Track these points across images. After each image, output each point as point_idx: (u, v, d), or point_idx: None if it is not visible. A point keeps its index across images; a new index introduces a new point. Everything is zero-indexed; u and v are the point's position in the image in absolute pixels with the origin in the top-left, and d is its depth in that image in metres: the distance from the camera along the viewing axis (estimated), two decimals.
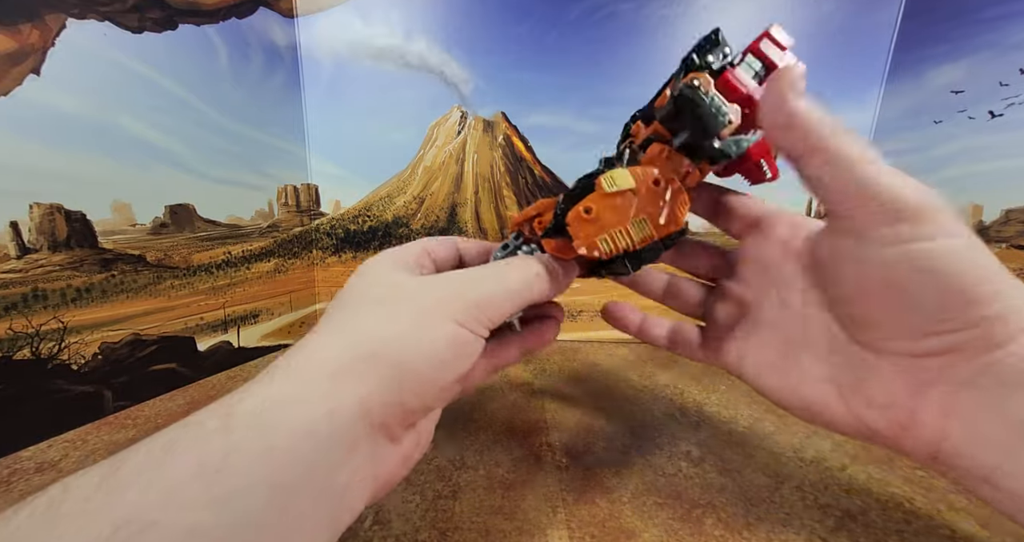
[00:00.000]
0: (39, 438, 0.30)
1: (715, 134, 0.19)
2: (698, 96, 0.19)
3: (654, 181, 0.20)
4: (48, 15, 0.28)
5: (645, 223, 0.19)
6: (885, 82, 0.45)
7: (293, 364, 0.16)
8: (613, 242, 0.19)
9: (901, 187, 0.16)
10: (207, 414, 0.14)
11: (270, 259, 0.47)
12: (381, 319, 0.17)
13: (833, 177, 0.17)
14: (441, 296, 0.18)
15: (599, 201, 0.19)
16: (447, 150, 0.51)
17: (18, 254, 0.29)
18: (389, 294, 0.18)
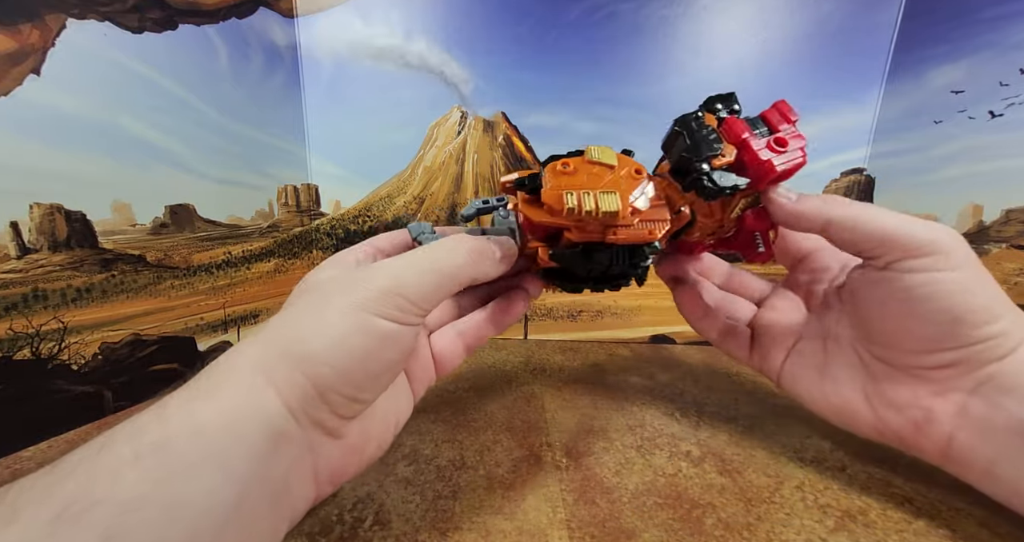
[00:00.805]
0: (39, 438, 0.30)
1: (705, 157, 0.20)
2: (697, 121, 0.20)
3: (636, 170, 0.21)
4: (48, 15, 0.28)
5: (615, 196, 0.19)
6: (885, 82, 0.45)
7: (223, 364, 0.17)
8: (578, 200, 0.19)
9: (911, 230, 0.19)
10: (142, 413, 0.15)
11: (270, 259, 0.47)
12: (293, 315, 0.18)
13: (853, 236, 0.20)
14: (347, 287, 0.18)
15: (579, 162, 0.20)
16: (447, 150, 0.51)
17: (18, 254, 0.29)
18: (308, 291, 0.19)
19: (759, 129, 0.21)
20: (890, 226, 0.19)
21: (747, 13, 0.45)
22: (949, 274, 0.19)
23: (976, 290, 0.19)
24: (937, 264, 0.19)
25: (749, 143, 0.20)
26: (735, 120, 0.21)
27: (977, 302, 0.19)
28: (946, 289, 0.19)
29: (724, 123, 0.21)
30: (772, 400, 0.36)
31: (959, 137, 0.42)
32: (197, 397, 0.15)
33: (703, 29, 0.46)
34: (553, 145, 0.50)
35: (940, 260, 0.19)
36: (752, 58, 0.46)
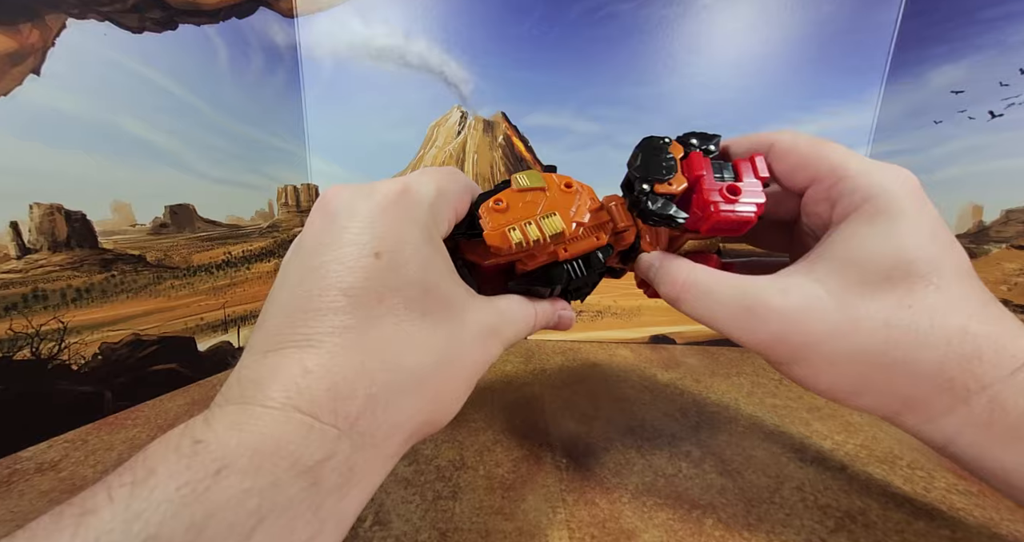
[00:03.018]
0: (39, 438, 0.30)
1: (651, 179, 0.20)
2: (659, 144, 0.20)
3: (566, 184, 0.20)
4: (48, 15, 0.28)
5: (555, 217, 0.19)
6: (885, 82, 0.45)
7: (297, 395, 0.13)
8: (523, 233, 0.19)
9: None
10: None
11: (270, 259, 0.47)
12: (420, 345, 0.15)
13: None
14: (488, 335, 0.18)
15: (510, 195, 0.20)
16: (447, 150, 0.51)
17: (18, 254, 0.29)
18: (431, 304, 0.16)
19: (724, 174, 0.20)
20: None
21: (747, 13, 0.45)
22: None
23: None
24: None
25: (703, 182, 0.20)
26: (699, 156, 0.20)
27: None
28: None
29: (688, 157, 0.20)
30: (772, 400, 0.36)
31: (959, 137, 0.42)
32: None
33: (703, 29, 0.46)
34: (553, 145, 0.50)
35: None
36: (752, 58, 0.46)
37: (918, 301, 0.16)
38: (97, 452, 0.29)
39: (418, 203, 0.17)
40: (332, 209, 0.16)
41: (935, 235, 0.17)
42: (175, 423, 0.33)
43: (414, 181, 0.17)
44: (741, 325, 0.19)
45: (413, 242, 0.16)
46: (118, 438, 0.30)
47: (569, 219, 0.20)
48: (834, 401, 0.19)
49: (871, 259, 0.17)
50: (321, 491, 0.12)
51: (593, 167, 0.50)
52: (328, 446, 0.13)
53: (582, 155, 0.50)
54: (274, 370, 0.13)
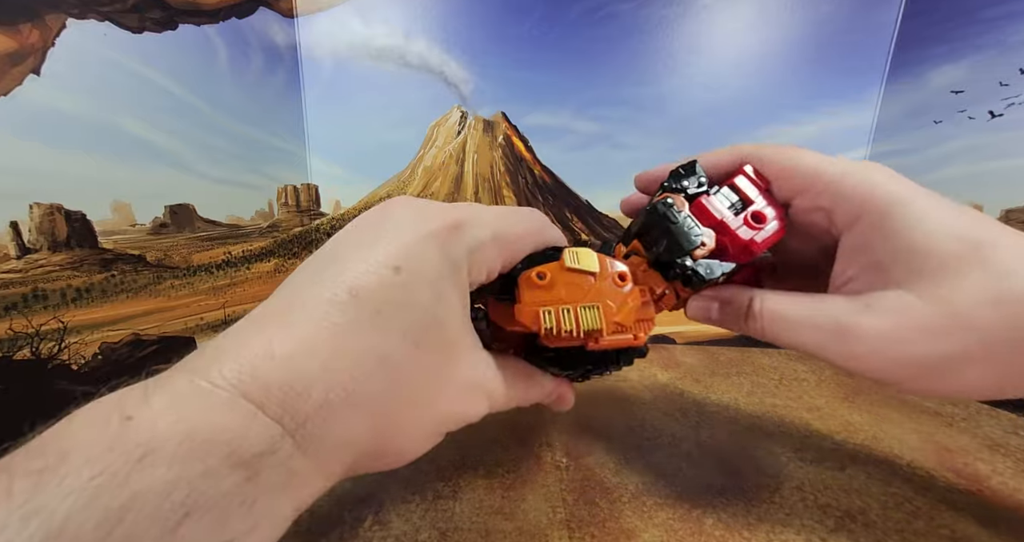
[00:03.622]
0: None
1: (687, 252, 0.19)
2: (671, 212, 0.19)
3: (619, 275, 0.19)
4: (48, 15, 0.28)
5: (597, 312, 0.18)
6: (885, 82, 0.45)
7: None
8: (557, 319, 0.17)
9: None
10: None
11: (270, 259, 0.47)
12: (398, 372, 0.15)
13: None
14: (475, 392, 0.18)
15: (556, 271, 0.18)
16: (447, 150, 0.51)
17: (18, 254, 0.29)
18: (429, 338, 0.15)
19: (732, 202, 0.20)
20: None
21: (747, 13, 0.45)
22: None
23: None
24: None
25: (727, 225, 0.19)
26: (707, 202, 0.20)
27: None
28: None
29: (695, 205, 0.20)
30: (772, 400, 0.36)
31: (959, 137, 0.42)
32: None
33: (703, 29, 0.46)
34: (553, 145, 0.50)
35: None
36: (752, 58, 0.46)
37: (1006, 265, 0.15)
38: None
39: (462, 244, 0.17)
40: (388, 214, 0.17)
41: (943, 202, 0.17)
42: None
43: (473, 221, 0.17)
44: (839, 350, 0.18)
45: (437, 274, 0.16)
46: None
47: (611, 318, 0.18)
48: (978, 399, 0.18)
49: (931, 247, 0.16)
50: (258, 486, 0.12)
51: (593, 167, 0.50)
52: (269, 440, 0.12)
53: (582, 155, 0.50)
54: (240, 344, 0.13)
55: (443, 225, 0.16)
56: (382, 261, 0.15)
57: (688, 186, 0.20)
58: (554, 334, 0.18)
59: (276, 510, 0.12)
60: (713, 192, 0.20)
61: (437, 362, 0.16)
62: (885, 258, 0.17)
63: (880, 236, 0.17)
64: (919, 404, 0.35)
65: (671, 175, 0.21)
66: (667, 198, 0.20)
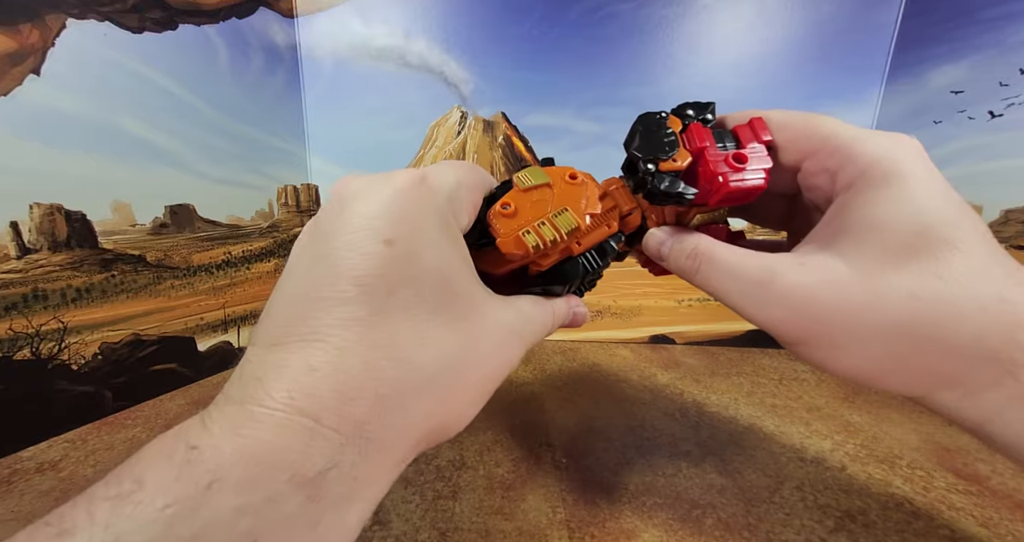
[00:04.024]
0: (39, 438, 0.30)
1: (653, 158, 0.19)
2: (658, 121, 0.20)
3: (570, 175, 0.20)
4: (48, 15, 0.28)
5: (568, 213, 0.18)
6: (885, 82, 0.45)
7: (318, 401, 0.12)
8: (538, 235, 0.18)
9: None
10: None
11: (270, 259, 0.47)
12: (434, 343, 0.14)
13: None
14: (508, 337, 0.18)
15: (516, 197, 0.19)
16: (447, 150, 0.51)
17: (18, 254, 0.29)
18: (447, 299, 0.15)
19: (726, 143, 0.19)
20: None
21: (747, 13, 0.45)
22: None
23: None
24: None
25: (706, 153, 0.19)
26: (699, 127, 0.19)
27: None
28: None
29: (688, 129, 0.20)
30: (772, 400, 0.36)
31: (959, 137, 0.42)
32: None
33: (703, 29, 0.46)
34: (553, 145, 0.50)
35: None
36: (752, 58, 0.46)
37: (946, 269, 0.15)
38: (97, 452, 0.29)
39: (437, 192, 0.16)
40: (347, 194, 0.15)
41: (949, 197, 0.16)
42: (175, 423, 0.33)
43: (432, 171, 0.17)
44: (756, 301, 0.18)
45: (429, 232, 0.15)
46: (118, 438, 0.30)
47: (582, 212, 0.19)
48: (860, 383, 0.18)
49: (889, 227, 0.16)
50: (321, 505, 0.12)
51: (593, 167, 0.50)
52: (330, 455, 0.12)
53: (582, 155, 0.50)
54: (278, 367, 0.13)
55: (410, 181, 0.15)
56: (369, 238, 0.14)
57: (691, 115, 0.20)
58: (542, 248, 0.18)
59: (341, 524, 0.12)
60: (712, 127, 0.20)
61: (463, 320, 0.16)
62: (846, 225, 0.17)
63: (857, 204, 0.17)
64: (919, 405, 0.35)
65: (682, 104, 0.21)
66: (661, 112, 0.20)
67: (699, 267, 0.20)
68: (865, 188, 0.17)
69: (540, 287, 0.21)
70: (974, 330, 0.15)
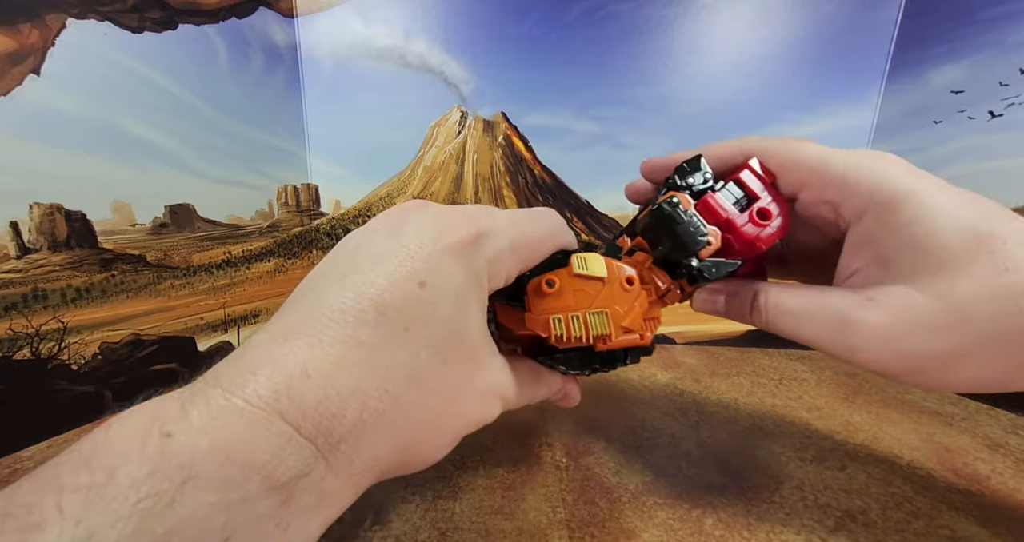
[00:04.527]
0: (39, 438, 0.30)
1: (693, 252, 0.19)
2: (676, 213, 0.19)
3: (627, 279, 0.19)
4: (48, 15, 0.28)
5: (605, 318, 0.18)
6: (885, 82, 0.45)
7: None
8: (566, 326, 0.18)
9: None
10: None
11: (270, 259, 0.47)
12: (426, 388, 0.15)
13: None
14: (493, 397, 0.18)
15: (565, 278, 0.19)
16: (447, 150, 0.51)
17: (18, 254, 0.29)
18: (454, 351, 0.16)
19: (737, 199, 0.20)
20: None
21: (747, 13, 0.45)
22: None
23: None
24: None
25: (733, 223, 0.19)
26: (712, 200, 0.20)
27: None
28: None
29: (701, 202, 0.20)
30: (772, 400, 0.36)
31: (959, 137, 0.42)
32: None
33: (703, 29, 0.46)
34: (553, 145, 0.50)
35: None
36: (752, 58, 0.46)
37: (1008, 259, 0.15)
38: None
39: (483, 256, 0.17)
40: (405, 224, 0.16)
41: (962, 196, 0.17)
42: None
43: (491, 229, 0.17)
44: (841, 344, 0.18)
45: (461, 288, 0.16)
46: None
47: (619, 322, 0.18)
48: (986, 392, 0.18)
49: (937, 243, 0.16)
50: (291, 510, 0.12)
51: (593, 167, 0.50)
52: (303, 464, 0.12)
53: (582, 155, 0.50)
54: (275, 362, 0.13)
55: (464, 237, 0.16)
56: (406, 276, 0.15)
57: (693, 183, 0.20)
58: (564, 340, 0.18)
59: (307, 530, 0.13)
60: (718, 188, 0.20)
61: (461, 374, 0.16)
62: (890, 252, 0.17)
63: (886, 230, 0.17)
64: (919, 404, 0.35)
65: (676, 170, 0.21)
66: (672, 197, 0.20)
67: (768, 319, 0.20)
68: (884, 213, 0.17)
69: (549, 358, 0.21)
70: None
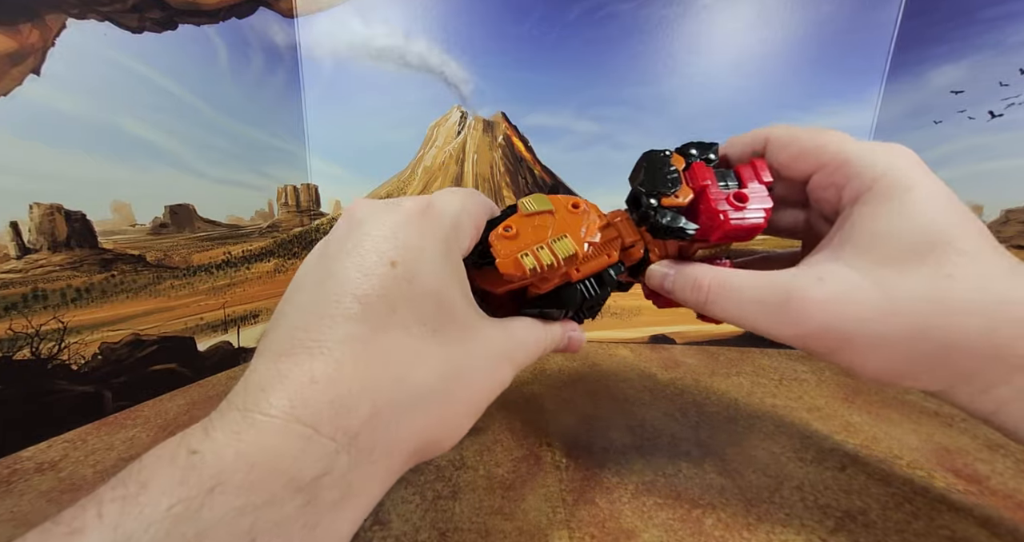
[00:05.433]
0: (39, 438, 0.30)
1: (655, 193, 0.20)
2: (661, 157, 0.20)
3: (572, 204, 0.20)
4: (48, 15, 0.28)
5: (567, 240, 0.19)
6: (885, 82, 0.45)
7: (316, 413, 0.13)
8: (536, 258, 0.19)
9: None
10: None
11: (270, 259, 0.47)
12: (429, 362, 0.15)
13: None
14: (500, 359, 0.18)
15: (518, 221, 0.20)
16: (447, 150, 0.51)
17: (18, 254, 0.29)
18: (444, 320, 0.16)
19: (728, 182, 0.20)
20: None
21: (747, 13, 0.45)
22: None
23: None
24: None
25: (708, 191, 0.20)
26: (702, 166, 0.20)
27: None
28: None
29: (691, 168, 0.20)
30: (772, 400, 0.36)
31: (959, 137, 0.42)
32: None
33: (703, 29, 0.46)
34: (553, 145, 0.50)
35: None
36: (752, 58, 0.46)
37: (954, 269, 0.16)
38: (97, 452, 0.29)
39: (440, 218, 0.17)
40: (358, 217, 0.17)
41: (951, 202, 0.17)
42: (175, 423, 0.33)
43: (438, 198, 0.18)
44: (779, 319, 0.18)
45: (431, 256, 0.16)
46: (118, 438, 0.30)
47: (580, 240, 0.19)
48: (886, 384, 0.18)
49: (898, 234, 0.17)
50: (317, 509, 0.12)
51: (593, 167, 0.50)
52: (326, 461, 0.12)
53: (582, 155, 0.50)
54: (281, 377, 0.13)
55: (417, 209, 0.17)
56: (375, 260, 0.15)
57: (695, 154, 0.21)
58: (539, 272, 0.19)
59: (336, 531, 0.13)
60: (715, 166, 0.21)
61: (457, 342, 0.16)
62: (856, 237, 0.18)
63: (862, 217, 0.18)
64: (919, 404, 0.35)
65: (687, 143, 0.22)
66: (665, 150, 0.21)
67: (708, 297, 0.20)
68: (872, 200, 0.18)
69: (537, 309, 0.21)
70: (985, 327, 0.15)
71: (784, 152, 0.20)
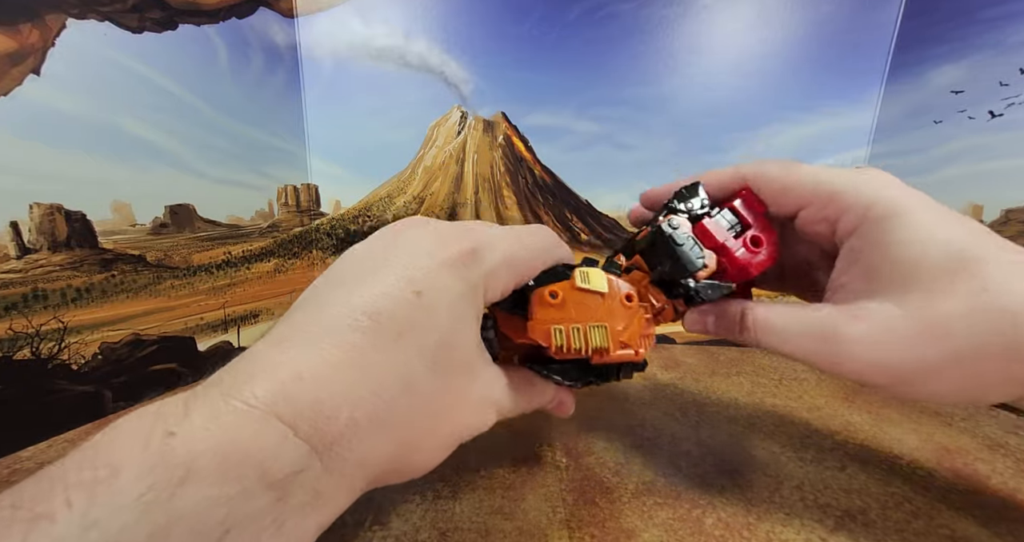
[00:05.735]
0: (39, 438, 0.30)
1: (691, 274, 0.20)
2: (676, 235, 0.20)
3: (627, 296, 0.20)
4: (48, 15, 0.28)
5: (604, 331, 0.19)
6: (885, 82, 0.45)
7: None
8: (567, 337, 0.19)
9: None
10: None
11: (270, 259, 0.47)
12: (417, 393, 0.15)
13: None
14: (487, 406, 0.18)
15: (567, 290, 0.19)
16: (447, 150, 0.51)
17: (18, 254, 0.29)
18: (445, 359, 0.16)
19: (729, 223, 0.21)
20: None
21: (747, 13, 0.45)
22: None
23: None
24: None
25: (728, 248, 0.20)
26: (709, 225, 0.21)
27: None
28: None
29: (698, 227, 0.21)
30: (772, 400, 0.36)
31: (959, 137, 0.42)
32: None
33: (703, 29, 0.46)
34: (553, 145, 0.50)
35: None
36: (752, 58, 0.46)
37: (986, 282, 0.16)
38: None
39: (478, 266, 0.17)
40: (405, 238, 0.17)
41: (951, 215, 0.18)
42: None
43: (487, 244, 0.18)
44: (826, 358, 0.18)
45: (456, 299, 0.16)
46: None
47: (616, 338, 0.19)
48: (962, 405, 0.18)
49: (920, 260, 0.17)
50: (287, 507, 0.12)
51: (593, 167, 0.50)
52: (298, 462, 0.12)
53: (582, 155, 0.50)
54: (271, 366, 0.13)
55: (460, 251, 0.17)
56: (403, 285, 0.15)
57: (692, 207, 0.22)
58: (563, 350, 0.19)
59: (303, 529, 0.13)
60: (714, 214, 0.21)
61: (454, 382, 0.17)
62: (876, 268, 0.18)
63: (873, 246, 0.18)
64: (919, 404, 0.35)
65: (675, 195, 0.22)
66: (672, 219, 0.21)
67: (757, 337, 0.20)
68: (874, 230, 0.18)
69: (544, 369, 0.21)
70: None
71: (762, 193, 0.21)
